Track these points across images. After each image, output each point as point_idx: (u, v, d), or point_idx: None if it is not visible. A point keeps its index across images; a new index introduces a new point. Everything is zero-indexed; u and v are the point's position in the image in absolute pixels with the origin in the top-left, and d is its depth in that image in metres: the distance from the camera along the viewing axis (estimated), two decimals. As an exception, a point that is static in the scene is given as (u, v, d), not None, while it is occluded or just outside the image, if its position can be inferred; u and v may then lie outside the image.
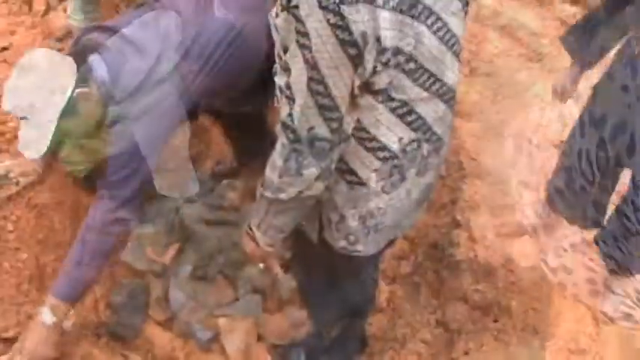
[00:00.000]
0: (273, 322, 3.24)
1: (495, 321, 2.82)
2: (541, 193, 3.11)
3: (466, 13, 1.95)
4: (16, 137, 2.95)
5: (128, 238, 3.02)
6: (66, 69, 2.47)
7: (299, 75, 1.71)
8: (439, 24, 1.79)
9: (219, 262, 3.35)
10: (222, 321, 3.18)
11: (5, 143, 2.93)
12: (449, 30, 1.84)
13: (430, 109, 1.92)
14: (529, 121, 3.41)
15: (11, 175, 2.84)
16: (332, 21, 1.62)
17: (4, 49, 3.25)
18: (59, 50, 3.28)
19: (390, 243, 2.33)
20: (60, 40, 3.37)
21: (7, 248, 2.83)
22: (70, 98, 2.44)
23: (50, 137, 2.47)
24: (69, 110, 2.46)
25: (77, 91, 2.45)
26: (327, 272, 2.42)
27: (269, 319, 3.25)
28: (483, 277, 2.94)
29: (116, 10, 3.50)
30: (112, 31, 2.60)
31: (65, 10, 3.29)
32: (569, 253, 3.05)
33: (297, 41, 1.68)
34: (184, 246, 3.36)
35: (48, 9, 3.48)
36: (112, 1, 3.53)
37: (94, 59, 2.57)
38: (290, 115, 1.77)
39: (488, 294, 2.89)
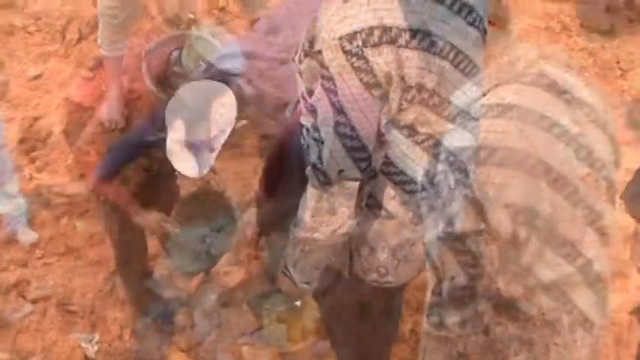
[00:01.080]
0: (296, 352, 3.23)
1: (516, 354, 2.78)
2: None
3: (484, 40, 1.96)
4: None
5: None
6: (227, 102, 2.54)
7: (325, 118, 1.73)
8: (460, 57, 1.81)
9: (244, 290, 3.35)
10: (245, 349, 3.18)
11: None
12: (470, 61, 1.85)
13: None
14: (556, 152, 3.38)
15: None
16: (355, 64, 1.64)
17: (37, 77, 3.30)
18: (90, 79, 3.34)
19: (418, 272, 2.33)
20: (91, 69, 3.41)
21: (34, 275, 2.86)
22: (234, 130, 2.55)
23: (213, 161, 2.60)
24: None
25: (239, 125, 2.60)
26: (352, 303, 2.42)
27: (293, 349, 3.24)
28: (505, 309, 2.91)
29: (146, 40, 3.54)
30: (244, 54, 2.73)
31: (97, 40, 3.33)
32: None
33: (322, 85, 1.70)
34: (210, 274, 3.37)
35: (80, 38, 3.54)
36: (142, 31, 3.58)
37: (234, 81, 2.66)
38: (319, 157, 1.78)
39: (509, 326, 2.85)
